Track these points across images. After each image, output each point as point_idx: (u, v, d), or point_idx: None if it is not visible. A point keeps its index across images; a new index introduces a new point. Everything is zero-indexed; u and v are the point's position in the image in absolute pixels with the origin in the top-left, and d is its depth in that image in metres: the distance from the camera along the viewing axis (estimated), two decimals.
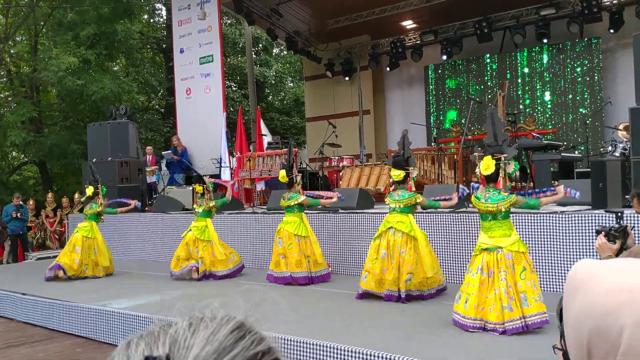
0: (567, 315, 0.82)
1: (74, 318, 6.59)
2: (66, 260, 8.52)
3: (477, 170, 5.06)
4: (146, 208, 12.11)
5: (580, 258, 6.10)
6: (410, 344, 4.46)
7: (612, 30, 12.98)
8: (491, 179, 4.95)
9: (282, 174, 7.47)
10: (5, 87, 20.65)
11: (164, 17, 23.79)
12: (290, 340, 4.61)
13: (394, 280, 5.82)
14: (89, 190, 8.90)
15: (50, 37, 18.49)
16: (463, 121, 14.48)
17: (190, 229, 8.18)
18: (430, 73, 16.43)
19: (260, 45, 26.79)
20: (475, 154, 5.24)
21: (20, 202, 13.42)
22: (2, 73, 18.45)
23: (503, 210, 4.85)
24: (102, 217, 9.14)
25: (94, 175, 9.03)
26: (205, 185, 8.34)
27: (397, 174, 6.13)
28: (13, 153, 21.19)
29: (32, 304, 7.25)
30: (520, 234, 6.52)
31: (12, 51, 18.44)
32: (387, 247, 5.95)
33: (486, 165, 4.86)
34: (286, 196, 7.43)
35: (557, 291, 6.24)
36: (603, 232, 3.22)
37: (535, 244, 6.44)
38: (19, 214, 12.93)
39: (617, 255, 3.09)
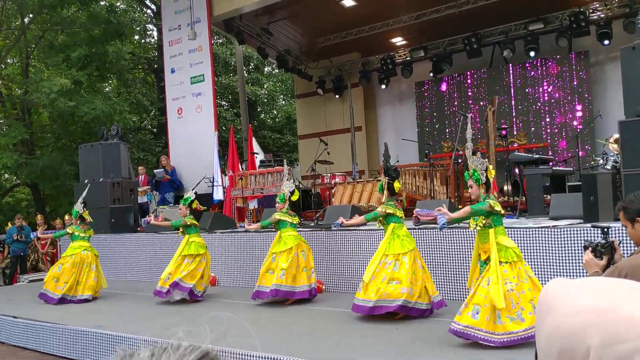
0: (538, 335, 0.81)
1: (66, 341, 6.52)
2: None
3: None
4: (139, 228, 12.06)
5: (569, 272, 6.11)
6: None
7: (606, 42, 13.05)
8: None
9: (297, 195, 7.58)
10: None
11: (155, 38, 23.89)
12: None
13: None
14: (85, 214, 8.97)
15: (41, 59, 18.53)
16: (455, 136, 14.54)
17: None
18: (420, 89, 16.52)
19: (252, 64, 26.93)
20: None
21: (22, 224, 13.40)
22: None
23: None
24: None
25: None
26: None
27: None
28: (5, 175, 21.10)
29: (24, 327, 7.17)
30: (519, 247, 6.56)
31: (3, 73, 18.44)
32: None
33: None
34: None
35: None
36: (590, 248, 3.21)
37: (526, 257, 6.43)
38: (20, 236, 12.90)
39: (604, 270, 3.07)
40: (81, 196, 9.06)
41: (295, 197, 7.53)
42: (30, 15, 18.47)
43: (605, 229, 3.24)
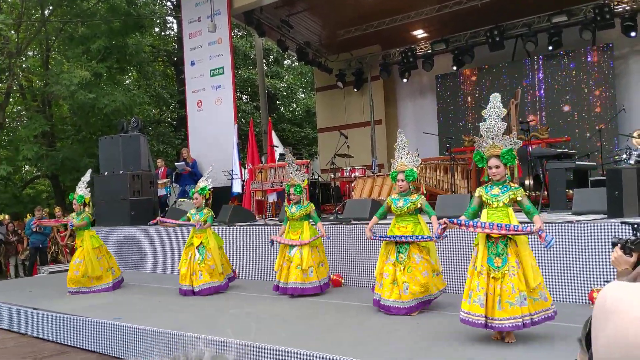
0: (596, 343, 0.75)
1: (86, 333, 6.55)
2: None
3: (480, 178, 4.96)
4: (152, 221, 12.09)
5: (595, 269, 5.99)
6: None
7: (633, 34, 12.76)
8: None
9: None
10: (17, 101, 20.84)
11: (175, 30, 23.95)
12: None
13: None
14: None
15: (61, 51, 18.65)
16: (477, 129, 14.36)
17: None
18: (441, 82, 16.35)
19: (272, 57, 26.88)
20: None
21: (42, 215, 13.53)
22: (14, 87, 18.60)
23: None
24: None
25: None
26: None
27: None
28: (26, 167, 21.33)
29: (44, 319, 7.22)
30: (533, 244, 6.44)
31: (24, 65, 18.60)
32: None
33: None
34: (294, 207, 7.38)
35: (571, 302, 6.11)
36: (619, 245, 3.11)
37: (548, 253, 6.32)
38: (38, 228, 13.01)
39: (633, 268, 2.98)
40: (85, 179, 8.89)
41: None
42: (50, 7, 18.58)
43: (636, 225, 3.13)
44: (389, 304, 5.74)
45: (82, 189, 8.78)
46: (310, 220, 7.32)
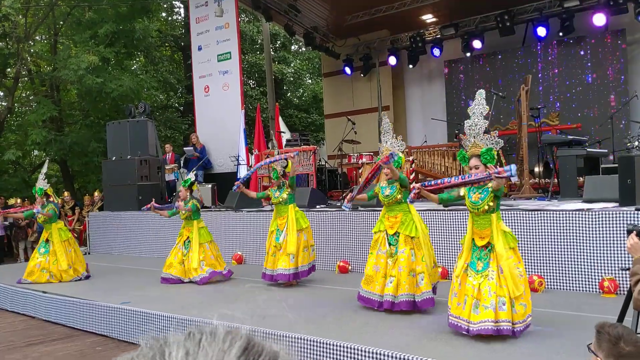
0: None
1: (94, 316, 6.58)
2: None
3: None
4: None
5: (605, 257, 5.93)
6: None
7: None
8: None
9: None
10: (26, 86, 20.85)
11: (182, 15, 23.83)
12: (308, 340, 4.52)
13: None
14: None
15: (69, 36, 18.61)
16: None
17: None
18: (450, 67, 16.20)
19: (279, 42, 26.74)
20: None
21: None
22: (23, 72, 18.61)
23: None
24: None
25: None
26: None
27: None
28: (35, 152, 21.39)
29: (52, 302, 7.26)
30: (543, 232, 6.39)
31: (32, 50, 18.58)
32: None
33: None
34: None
35: (578, 290, 6.07)
36: (635, 232, 3.08)
37: (559, 241, 6.27)
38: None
39: None
40: (43, 172, 8.84)
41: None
42: None
43: None
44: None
45: (41, 182, 8.71)
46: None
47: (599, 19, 12.81)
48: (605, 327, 2.07)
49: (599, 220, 6.06)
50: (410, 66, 16.36)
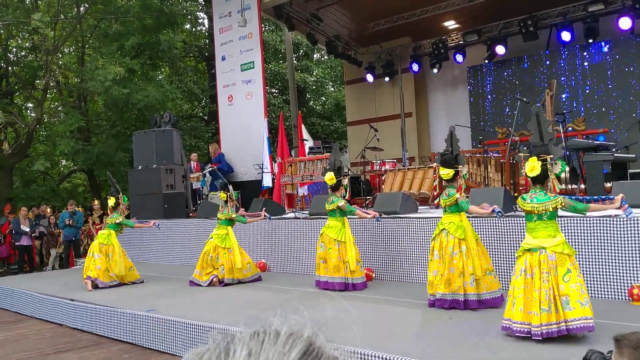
0: None
1: (121, 324, 6.65)
2: (91, 270, 8.69)
3: (522, 171, 4.88)
4: (190, 214, 12.28)
5: (635, 264, 5.83)
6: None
7: None
8: (537, 180, 4.74)
9: (330, 176, 7.38)
10: (54, 97, 21.27)
11: (206, 26, 24.11)
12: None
13: (445, 283, 5.67)
14: (111, 201, 9.06)
15: (96, 48, 18.97)
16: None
17: (212, 237, 8.33)
18: (473, 73, 16.11)
19: (301, 51, 26.87)
20: (520, 154, 5.03)
21: (75, 209, 13.78)
22: (51, 84, 19.00)
23: (549, 210, 4.63)
24: (122, 228, 9.16)
25: (114, 186, 9.18)
26: (229, 194, 8.36)
27: (446, 173, 5.96)
28: (63, 161, 21.78)
29: (81, 310, 7.36)
30: (571, 238, 6.30)
31: (60, 62, 18.96)
32: (440, 248, 5.81)
33: (532, 167, 4.68)
34: (329, 199, 7.35)
35: (611, 299, 5.97)
36: None
37: (587, 248, 6.18)
38: (71, 221, 13.27)
39: None
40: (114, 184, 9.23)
41: (329, 180, 7.49)
42: (86, 5, 18.93)
43: None
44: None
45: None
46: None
47: (625, 23, 12.64)
48: (625, 335, 2.06)
49: (627, 227, 5.96)
50: (435, 70, 16.30)
